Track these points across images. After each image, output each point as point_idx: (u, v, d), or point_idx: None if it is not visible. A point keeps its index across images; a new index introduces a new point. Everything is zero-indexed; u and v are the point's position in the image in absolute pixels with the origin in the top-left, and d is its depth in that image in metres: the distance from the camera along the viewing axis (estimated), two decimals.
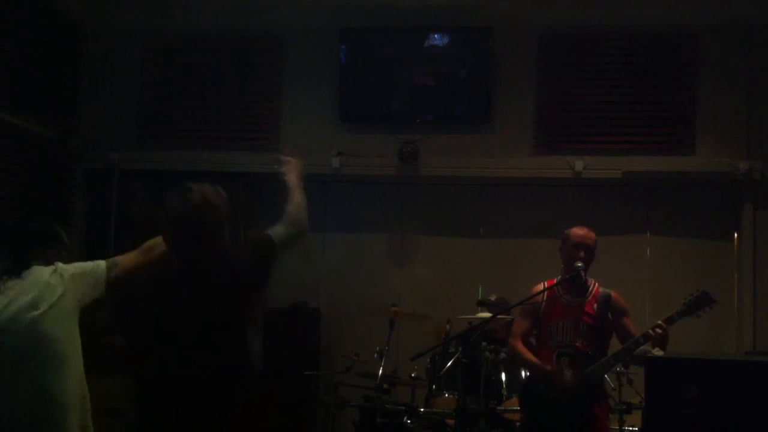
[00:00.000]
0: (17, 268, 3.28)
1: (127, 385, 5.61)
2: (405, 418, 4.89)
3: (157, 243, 3.36)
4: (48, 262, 3.34)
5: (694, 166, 6.05)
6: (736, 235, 6.15)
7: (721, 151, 6.03)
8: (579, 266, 4.05)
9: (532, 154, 6.29)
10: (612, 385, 4.86)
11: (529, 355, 4.14)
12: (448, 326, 5.29)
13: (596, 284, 4.18)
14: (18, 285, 3.22)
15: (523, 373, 4.73)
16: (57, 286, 3.21)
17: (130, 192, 6.58)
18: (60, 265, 3.30)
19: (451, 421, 4.75)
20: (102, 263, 3.33)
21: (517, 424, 4.57)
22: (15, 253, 3.33)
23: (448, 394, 4.98)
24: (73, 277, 3.26)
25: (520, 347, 4.17)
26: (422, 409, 4.92)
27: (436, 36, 6.31)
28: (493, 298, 5.54)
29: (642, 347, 3.91)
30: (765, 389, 2.96)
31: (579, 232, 4.15)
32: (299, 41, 6.55)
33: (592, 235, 4.16)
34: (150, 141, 6.62)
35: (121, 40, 6.67)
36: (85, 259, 3.59)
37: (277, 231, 3.14)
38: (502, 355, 4.92)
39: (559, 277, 4.19)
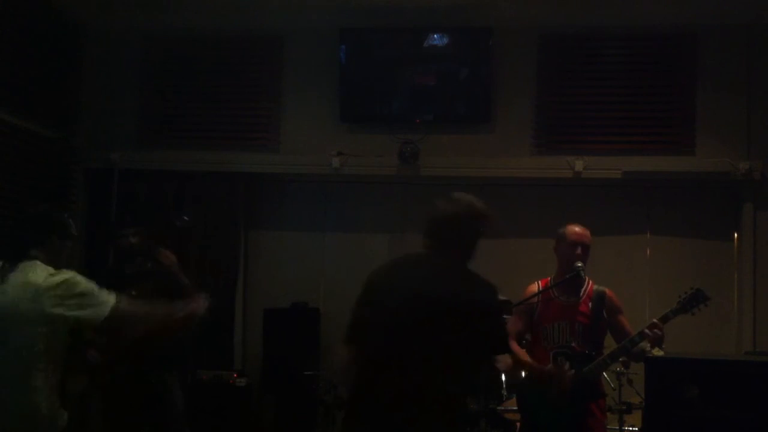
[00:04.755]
0: (15, 257, 3.15)
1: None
2: None
3: (169, 316, 3.30)
4: (50, 251, 3.25)
5: (694, 166, 6.05)
6: (736, 235, 6.15)
7: (721, 151, 6.03)
8: (579, 266, 4.04)
9: (532, 154, 6.29)
10: (612, 385, 4.86)
11: (525, 356, 4.13)
12: None
13: (590, 282, 4.17)
14: (9, 278, 3.10)
15: (522, 373, 4.72)
16: (50, 293, 3.07)
17: (130, 192, 6.58)
18: (72, 278, 3.13)
19: None
20: (111, 300, 3.14)
21: (517, 424, 4.57)
22: (15, 240, 3.21)
23: None
24: (70, 291, 3.09)
25: (515, 347, 4.16)
26: None
27: (436, 36, 6.31)
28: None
29: (639, 345, 3.91)
30: (765, 389, 2.96)
31: (576, 230, 4.13)
32: (299, 41, 6.55)
33: (588, 233, 4.15)
34: (150, 141, 6.62)
35: (121, 40, 6.67)
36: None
37: None
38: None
39: (553, 276, 4.18)
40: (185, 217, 4.63)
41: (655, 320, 3.87)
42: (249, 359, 6.46)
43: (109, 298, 3.15)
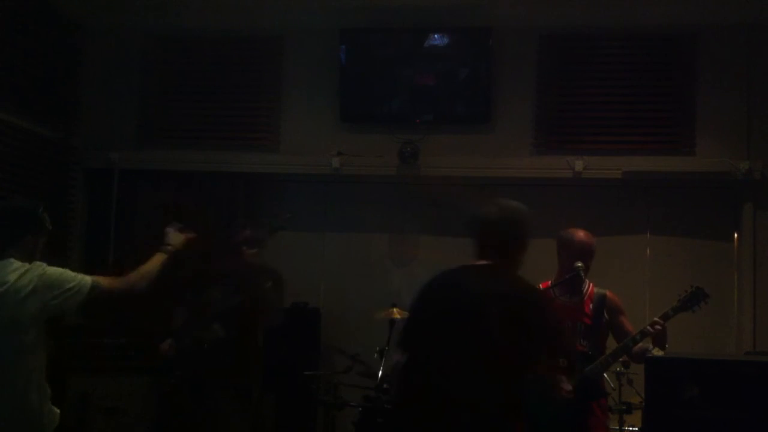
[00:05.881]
0: None
1: (127, 385, 5.66)
2: None
3: (144, 274, 3.40)
4: (25, 248, 3.26)
5: (694, 166, 6.05)
6: (736, 235, 6.15)
7: (721, 151, 6.03)
8: (579, 266, 4.04)
9: (532, 154, 6.29)
10: (612, 385, 4.86)
11: None
12: None
13: (591, 284, 4.18)
14: None
15: None
16: (24, 290, 3.12)
17: (130, 192, 6.58)
18: (40, 268, 3.20)
19: None
20: (87, 282, 3.25)
21: None
22: None
23: None
24: (47, 287, 3.16)
25: None
26: None
27: (436, 36, 6.31)
28: None
29: (641, 345, 3.92)
30: (765, 389, 2.96)
31: (583, 238, 4.11)
32: (299, 41, 6.55)
33: (593, 240, 4.16)
34: (150, 141, 6.62)
35: (121, 40, 6.67)
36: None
37: None
38: None
39: (553, 278, 4.18)
40: (288, 215, 4.65)
41: (656, 319, 3.88)
42: None
43: (84, 280, 3.24)
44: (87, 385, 5.36)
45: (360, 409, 5.13)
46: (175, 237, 3.81)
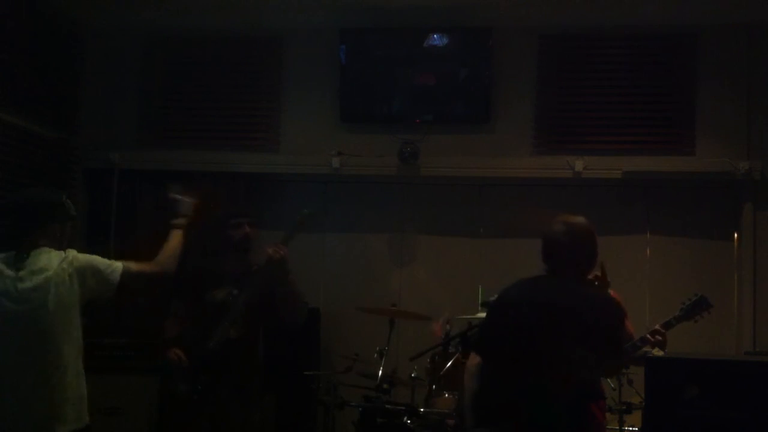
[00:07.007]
0: (22, 245, 3.22)
1: (127, 385, 5.64)
2: (405, 418, 4.89)
3: (172, 253, 3.47)
4: (54, 235, 3.30)
5: (694, 166, 6.05)
6: (736, 235, 6.15)
7: (721, 151, 6.03)
8: None
9: (532, 154, 6.29)
10: (612, 385, 4.86)
11: None
12: (448, 326, 5.29)
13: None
14: (25, 266, 3.18)
15: None
16: (64, 275, 3.18)
17: (130, 192, 6.57)
18: (72, 253, 3.26)
19: (451, 421, 4.75)
20: (119, 267, 3.33)
21: None
22: (17, 228, 3.26)
23: (448, 394, 4.98)
24: (83, 271, 3.23)
25: None
26: (422, 409, 4.92)
27: (436, 36, 6.31)
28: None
29: (640, 350, 3.90)
30: (765, 389, 2.96)
31: None
32: (299, 41, 6.55)
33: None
34: (150, 141, 6.62)
35: (121, 40, 6.67)
36: None
37: None
38: None
39: None
40: (305, 210, 4.62)
41: (657, 327, 3.86)
42: None
43: (115, 264, 3.36)
44: (87, 385, 5.35)
45: (360, 409, 5.13)
46: (186, 205, 3.83)
